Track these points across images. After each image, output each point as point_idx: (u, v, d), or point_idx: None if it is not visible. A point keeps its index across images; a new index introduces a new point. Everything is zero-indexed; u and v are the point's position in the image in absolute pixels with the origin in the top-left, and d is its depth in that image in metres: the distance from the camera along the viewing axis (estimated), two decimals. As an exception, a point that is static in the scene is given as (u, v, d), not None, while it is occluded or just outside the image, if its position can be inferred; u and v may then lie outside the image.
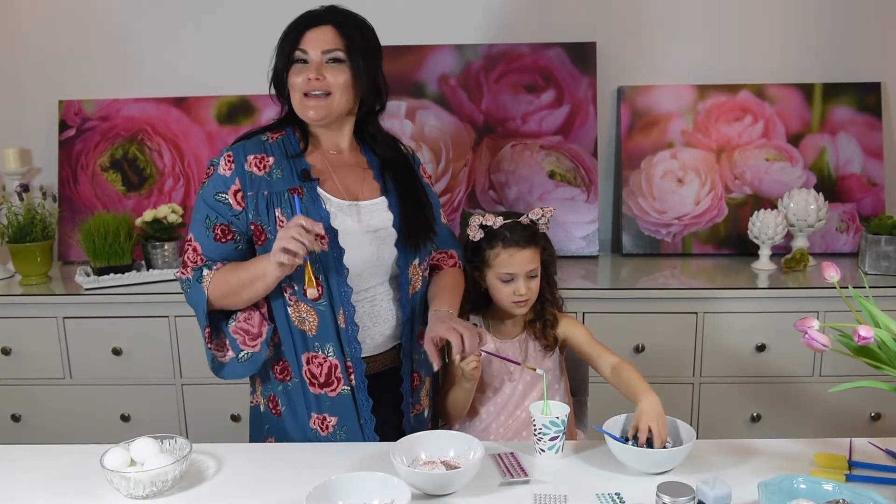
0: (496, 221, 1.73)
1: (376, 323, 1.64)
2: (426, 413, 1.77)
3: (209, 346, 1.62)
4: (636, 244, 2.81)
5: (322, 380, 1.61)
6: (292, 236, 1.44)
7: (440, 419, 1.87)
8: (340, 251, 1.57)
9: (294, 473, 1.46)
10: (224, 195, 1.58)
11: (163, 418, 2.55)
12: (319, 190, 1.61)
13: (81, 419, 2.56)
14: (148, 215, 2.63)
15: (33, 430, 2.59)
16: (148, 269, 2.62)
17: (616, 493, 1.37)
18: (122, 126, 2.88)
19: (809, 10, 2.79)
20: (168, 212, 2.63)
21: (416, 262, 1.68)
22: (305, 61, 1.58)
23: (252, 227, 1.58)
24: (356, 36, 1.61)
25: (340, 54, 1.59)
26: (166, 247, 2.62)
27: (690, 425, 1.52)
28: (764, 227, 2.55)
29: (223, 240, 1.59)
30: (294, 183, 1.59)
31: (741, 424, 2.50)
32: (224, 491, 1.42)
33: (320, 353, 1.60)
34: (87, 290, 2.50)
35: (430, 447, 1.47)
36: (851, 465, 1.45)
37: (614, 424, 1.54)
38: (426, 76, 2.82)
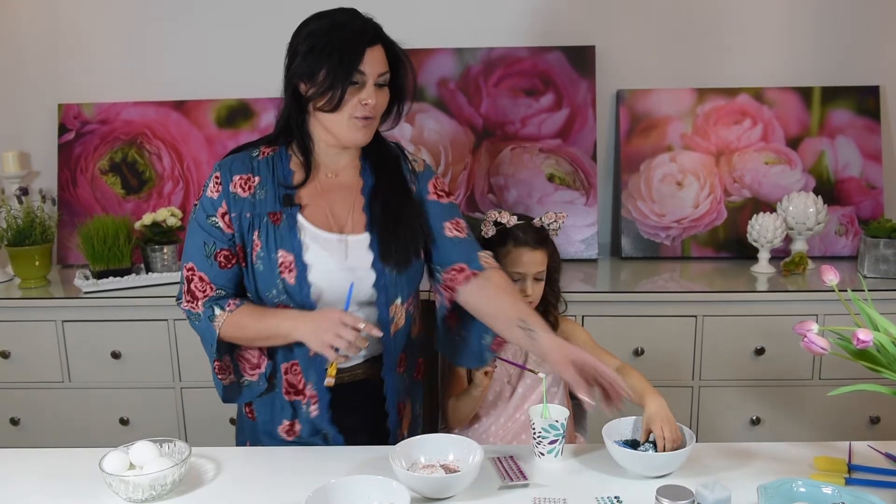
0: (510, 220, 1.75)
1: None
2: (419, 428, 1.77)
3: (218, 375, 1.61)
4: (635, 247, 2.81)
5: (300, 387, 1.60)
6: (349, 341, 1.41)
7: (441, 423, 1.87)
8: (308, 286, 1.53)
9: (293, 477, 1.46)
10: (214, 218, 1.55)
11: (162, 422, 2.55)
12: (300, 217, 1.55)
13: (80, 423, 2.56)
14: (147, 219, 2.63)
15: (32, 433, 2.59)
16: (147, 273, 2.62)
17: (615, 497, 1.37)
18: (122, 129, 2.88)
19: (808, 14, 2.79)
20: (167, 215, 2.63)
21: (399, 301, 1.61)
22: (357, 82, 1.49)
23: (237, 249, 1.56)
24: (402, 59, 1.56)
25: (388, 77, 1.54)
26: (165, 250, 2.62)
27: (690, 429, 1.52)
28: (763, 230, 2.55)
29: (228, 265, 1.57)
30: (275, 207, 1.55)
31: (741, 428, 2.49)
32: (223, 495, 1.41)
33: (300, 362, 1.59)
34: (86, 293, 2.49)
35: (429, 451, 1.47)
36: (851, 468, 1.45)
37: (616, 427, 1.53)
38: (425, 80, 2.82)
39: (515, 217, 1.77)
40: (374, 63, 1.49)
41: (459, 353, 1.68)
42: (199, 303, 1.57)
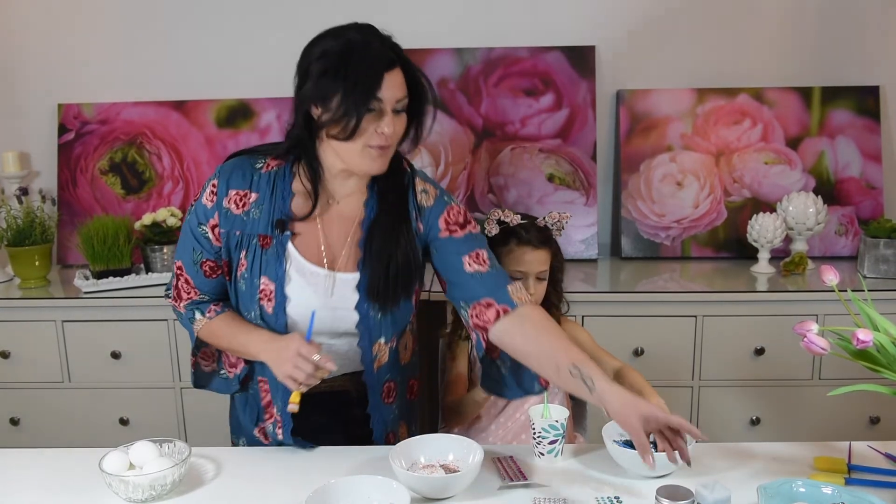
0: (514, 219, 1.76)
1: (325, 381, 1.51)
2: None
3: (202, 362, 1.64)
4: (635, 247, 2.81)
5: (267, 405, 1.60)
6: (307, 373, 1.39)
7: (441, 422, 1.87)
8: (285, 318, 1.50)
9: (293, 477, 1.46)
10: (204, 228, 1.51)
11: (162, 422, 2.55)
12: (290, 246, 1.49)
13: (80, 423, 2.56)
14: (147, 219, 2.63)
15: (32, 433, 2.59)
16: (147, 273, 2.62)
17: (615, 497, 1.37)
18: (122, 129, 2.88)
19: (808, 14, 2.79)
20: (167, 215, 2.63)
21: (382, 340, 1.56)
22: (373, 109, 1.38)
23: (223, 263, 1.54)
24: (421, 82, 1.46)
25: (406, 103, 1.43)
26: (165, 250, 2.62)
27: (689, 429, 1.52)
28: (763, 230, 2.55)
29: (213, 276, 1.55)
30: (267, 230, 1.49)
31: (740, 428, 2.49)
32: (223, 495, 1.41)
33: (269, 381, 1.58)
34: (85, 293, 2.49)
35: (429, 451, 1.47)
36: (851, 468, 1.45)
37: (616, 427, 1.53)
38: (425, 80, 2.82)
39: (519, 216, 1.78)
40: (392, 88, 1.39)
41: (505, 385, 1.57)
42: (182, 304, 1.58)
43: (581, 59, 2.82)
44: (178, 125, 2.88)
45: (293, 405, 1.43)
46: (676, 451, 1.33)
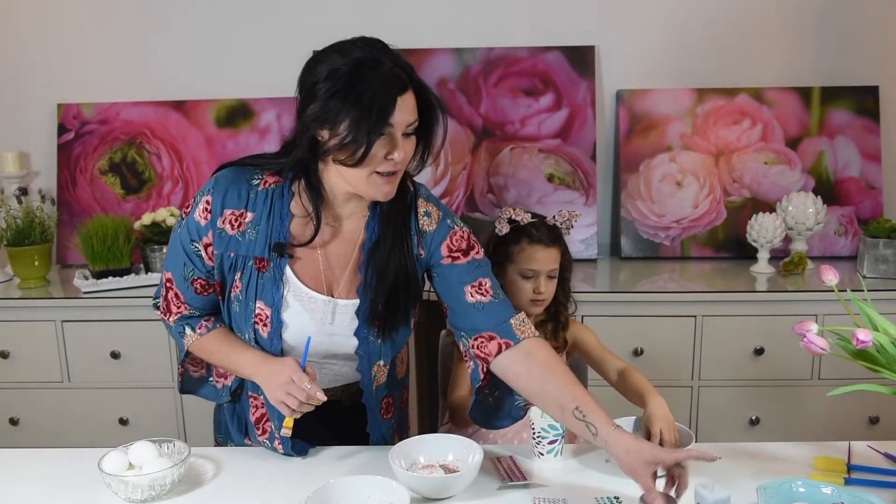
0: (524, 217, 1.76)
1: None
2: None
3: (190, 367, 1.61)
4: (635, 247, 2.81)
5: (263, 421, 1.57)
6: (300, 401, 1.37)
7: (441, 422, 1.87)
8: (281, 343, 1.47)
9: (293, 477, 1.46)
10: (197, 245, 1.44)
11: (161, 422, 2.55)
12: (288, 270, 1.44)
13: (80, 423, 2.56)
14: (146, 219, 2.63)
15: (31, 433, 2.59)
16: (146, 273, 2.62)
17: (615, 497, 1.37)
18: (121, 129, 2.88)
19: (808, 14, 2.80)
20: (167, 215, 2.63)
21: (381, 363, 1.53)
22: (384, 134, 1.30)
23: (216, 282, 1.49)
24: (433, 104, 1.38)
25: (416, 125, 1.35)
26: (165, 250, 2.62)
27: (689, 429, 1.52)
28: (762, 230, 2.55)
29: (204, 293, 1.50)
30: (264, 252, 1.42)
31: (740, 428, 2.49)
32: (222, 495, 1.41)
33: (265, 401, 1.54)
34: (85, 293, 2.49)
35: (428, 451, 1.47)
36: (850, 468, 1.45)
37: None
38: (425, 80, 2.79)
39: (529, 215, 1.78)
40: (404, 112, 1.31)
41: (493, 415, 1.55)
42: (172, 318, 1.53)
43: (581, 59, 2.82)
44: (178, 125, 2.88)
45: (287, 430, 1.41)
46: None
